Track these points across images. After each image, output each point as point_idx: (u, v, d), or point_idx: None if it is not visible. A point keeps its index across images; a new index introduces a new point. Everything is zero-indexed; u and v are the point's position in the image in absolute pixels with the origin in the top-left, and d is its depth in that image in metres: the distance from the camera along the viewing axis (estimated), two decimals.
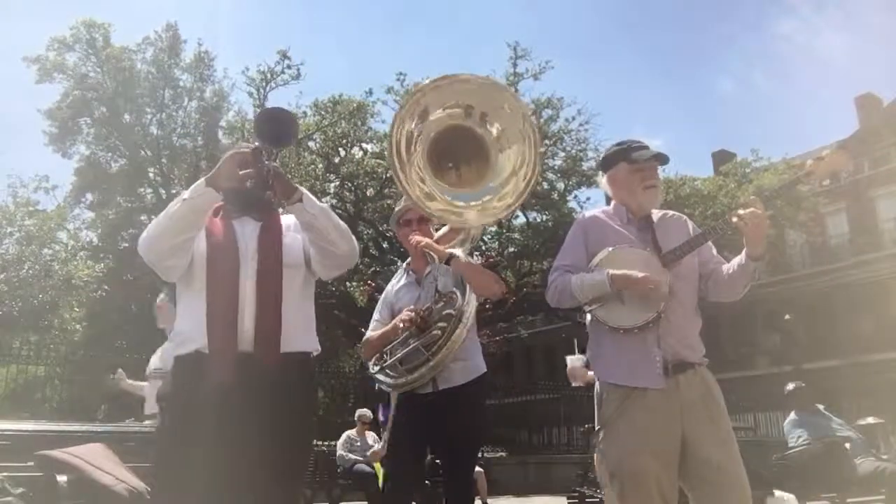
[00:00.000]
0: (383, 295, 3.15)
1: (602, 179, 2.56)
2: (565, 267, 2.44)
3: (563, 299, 2.41)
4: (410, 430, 2.87)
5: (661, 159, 2.42)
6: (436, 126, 2.29)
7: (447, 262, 2.80)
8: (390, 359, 2.87)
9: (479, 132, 2.30)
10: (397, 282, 3.14)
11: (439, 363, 2.72)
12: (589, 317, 2.43)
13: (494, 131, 2.32)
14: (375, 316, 3.12)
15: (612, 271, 2.29)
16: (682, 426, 2.22)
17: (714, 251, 2.48)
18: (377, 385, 2.98)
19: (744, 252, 2.29)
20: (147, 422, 4.72)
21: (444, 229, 3.02)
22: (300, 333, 2.08)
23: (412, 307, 2.87)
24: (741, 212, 2.24)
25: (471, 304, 2.81)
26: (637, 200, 2.44)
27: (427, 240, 2.88)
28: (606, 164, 2.55)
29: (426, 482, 4.68)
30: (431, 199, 2.29)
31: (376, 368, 2.94)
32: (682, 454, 2.22)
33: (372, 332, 3.05)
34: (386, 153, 2.35)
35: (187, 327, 2.00)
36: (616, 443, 2.27)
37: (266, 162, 1.94)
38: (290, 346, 2.01)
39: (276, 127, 1.97)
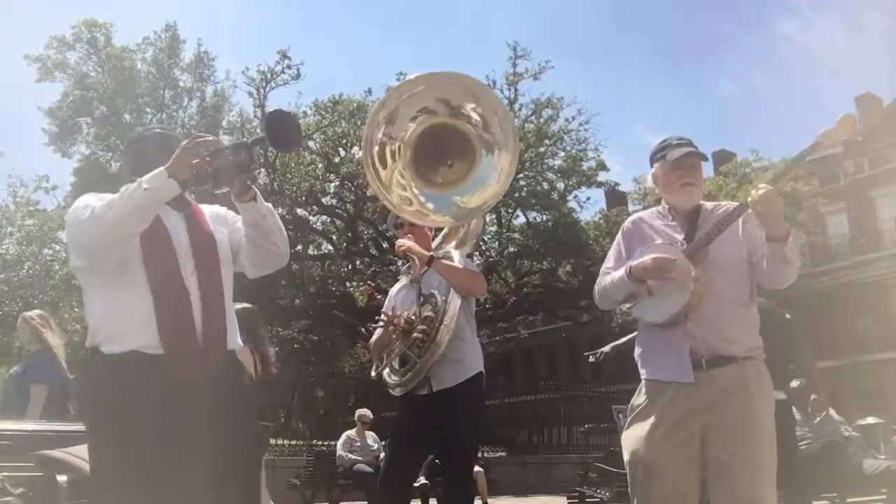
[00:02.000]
0: (388, 296, 3.26)
1: (649, 177, 2.61)
2: (606, 270, 2.49)
3: (604, 300, 2.49)
4: (409, 430, 2.94)
5: (695, 156, 2.42)
6: (415, 128, 2.27)
7: (428, 265, 2.89)
8: (387, 360, 2.97)
9: (463, 128, 2.28)
10: (398, 284, 3.24)
11: (425, 365, 2.78)
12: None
13: (475, 121, 2.27)
14: (382, 318, 3.17)
15: (631, 262, 2.32)
16: (705, 422, 2.21)
17: (764, 237, 2.35)
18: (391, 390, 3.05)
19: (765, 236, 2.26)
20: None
21: (446, 228, 3.06)
22: (235, 331, 2.07)
23: (391, 312, 2.98)
24: (751, 193, 2.20)
25: (452, 305, 2.84)
26: (675, 198, 2.45)
27: (409, 243, 2.97)
28: (651, 162, 2.57)
29: (426, 482, 4.71)
30: (409, 203, 2.32)
31: (377, 372, 3.04)
32: (703, 450, 2.22)
33: (376, 335, 3.16)
34: (362, 160, 2.33)
35: (114, 324, 1.90)
36: (633, 432, 2.30)
37: (232, 157, 1.89)
38: (231, 344, 2.01)
39: (289, 129, 1.92)
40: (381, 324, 2.99)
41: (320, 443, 11.28)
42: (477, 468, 8.44)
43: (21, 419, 4.11)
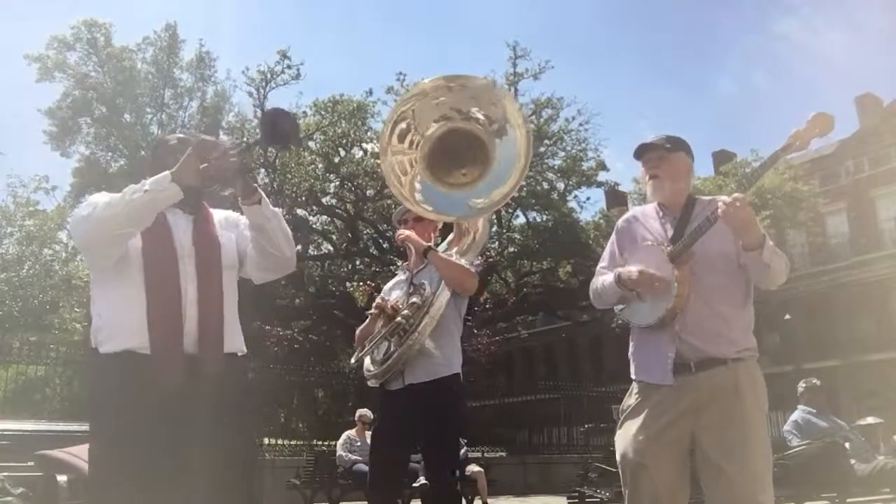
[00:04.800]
0: (383, 290, 3.25)
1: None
2: (601, 270, 2.50)
3: (598, 301, 2.50)
4: (387, 428, 2.95)
5: (645, 148, 2.44)
6: (436, 129, 2.28)
7: (424, 255, 2.92)
8: (369, 346, 2.94)
9: (476, 131, 2.28)
10: (393, 280, 3.23)
11: (403, 354, 2.76)
12: None
13: (485, 123, 2.29)
14: (374, 306, 3.17)
15: (619, 270, 2.33)
16: (695, 424, 2.20)
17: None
18: (367, 380, 3.04)
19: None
20: None
21: (453, 233, 3.10)
22: (237, 334, 2.06)
23: (384, 298, 2.98)
24: (721, 202, 2.14)
25: (441, 298, 2.83)
26: (649, 193, 2.48)
27: (408, 233, 3.00)
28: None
29: (426, 482, 4.68)
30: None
31: (357, 358, 3.04)
32: (694, 452, 2.22)
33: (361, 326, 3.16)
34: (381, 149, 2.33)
35: (112, 323, 1.92)
36: (623, 434, 2.31)
37: (235, 159, 1.90)
38: (229, 347, 2.00)
39: (285, 127, 1.90)
40: (375, 306, 2.98)
41: (320, 443, 11.28)
42: (477, 468, 8.44)
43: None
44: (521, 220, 23.02)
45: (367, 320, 3.05)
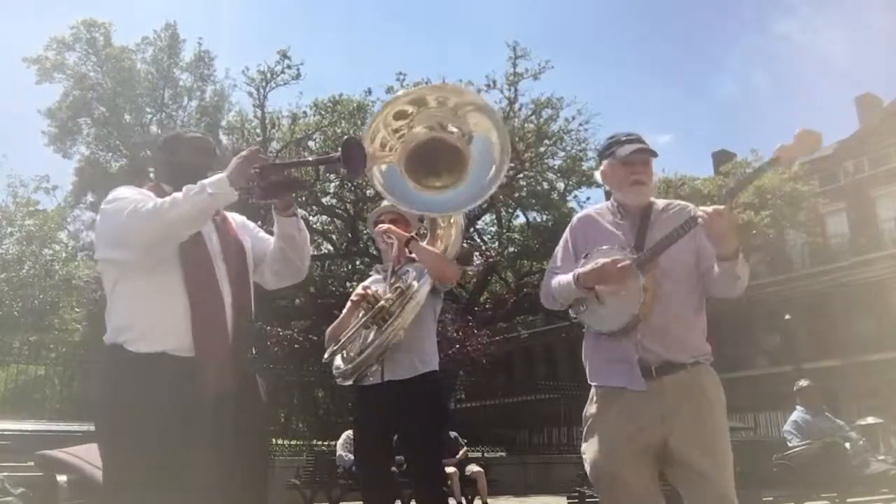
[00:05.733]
0: (361, 286, 3.17)
1: (597, 174, 2.50)
2: (554, 269, 2.43)
3: (548, 301, 2.44)
4: (370, 429, 2.90)
5: (645, 153, 2.32)
6: (418, 132, 2.38)
7: (406, 245, 2.92)
8: (344, 339, 2.84)
9: (451, 141, 2.39)
10: (369, 280, 3.20)
11: (387, 339, 2.70)
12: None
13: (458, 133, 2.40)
14: (353, 298, 3.11)
15: (579, 270, 2.26)
16: (664, 429, 2.17)
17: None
18: (336, 378, 2.93)
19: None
20: None
21: (426, 242, 3.11)
22: (252, 339, 2.09)
23: (366, 287, 2.94)
24: (701, 210, 2.13)
25: (423, 289, 2.81)
26: (625, 197, 2.37)
27: (389, 225, 3.00)
28: (600, 158, 2.51)
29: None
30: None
31: (330, 353, 2.92)
32: (666, 456, 2.19)
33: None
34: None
35: (145, 323, 1.86)
36: (592, 444, 2.26)
37: (285, 172, 1.97)
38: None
39: (361, 158, 1.92)
40: (357, 294, 2.91)
41: (320, 443, 11.29)
42: (477, 468, 8.45)
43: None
44: (521, 220, 23.07)
45: (342, 315, 2.99)
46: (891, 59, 45.87)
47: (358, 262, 21.82)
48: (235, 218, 2.17)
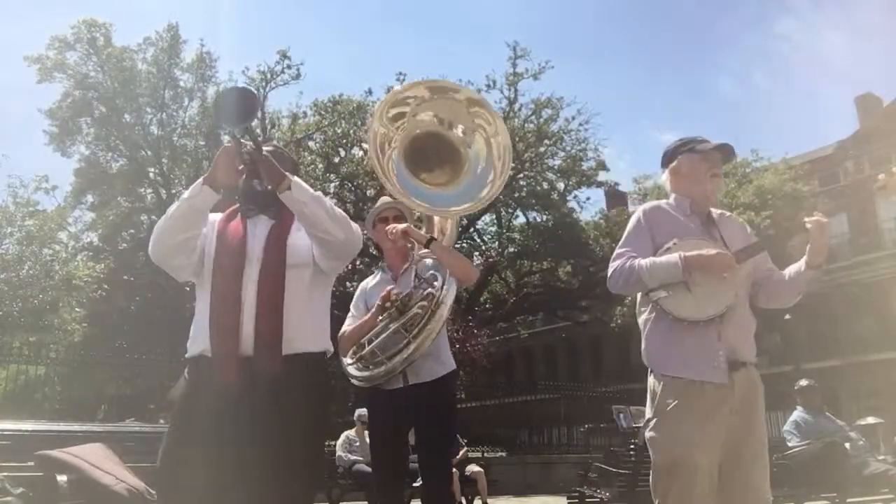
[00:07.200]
0: (358, 291, 3.13)
1: (663, 175, 2.57)
2: (630, 253, 2.37)
3: (630, 284, 2.35)
4: (390, 430, 2.85)
5: (726, 150, 2.46)
6: (412, 129, 2.40)
7: (427, 246, 2.83)
8: (368, 346, 2.78)
9: (450, 137, 2.41)
10: (373, 279, 3.12)
11: (421, 345, 2.66)
12: (644, 311, 2.41)
13: (460, 133, 2.42)
14: (351, 311, 3.06)
15: (684, 253, 2.27)
16: (734, 422, 2.23)
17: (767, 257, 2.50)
18: (353, 381, 2.88)
19: (803, 259, 2.37)
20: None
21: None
22: (307, 334, 2.04)
23: (391, 290, 2.82)
24: (810, 219, 2.29)
25: (451, 291, 2.76)
26: (704, 189, 2.44)
27: (405, 226, 2.87)
28: (668, 158, 2.55)
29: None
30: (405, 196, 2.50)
31: (350, 361, 2.87)
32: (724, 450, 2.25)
33: (347, 325, 2.99)
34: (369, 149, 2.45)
35: (196, 329, 2.04)
36: (670, 434, 2.25)
37: (248, 150, 1.93)
38: (293, 349, 1.98)
39: (233, 106, 1.86)
40: (383, 297, 2.79)
41: None
42: (477, 468, 8.43)
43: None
44: (521, 220, 23.05)
45: (362, 319, 2.89)
46: (891, 59, 45.90)
47: (358, 262, 21.79)
48: None
